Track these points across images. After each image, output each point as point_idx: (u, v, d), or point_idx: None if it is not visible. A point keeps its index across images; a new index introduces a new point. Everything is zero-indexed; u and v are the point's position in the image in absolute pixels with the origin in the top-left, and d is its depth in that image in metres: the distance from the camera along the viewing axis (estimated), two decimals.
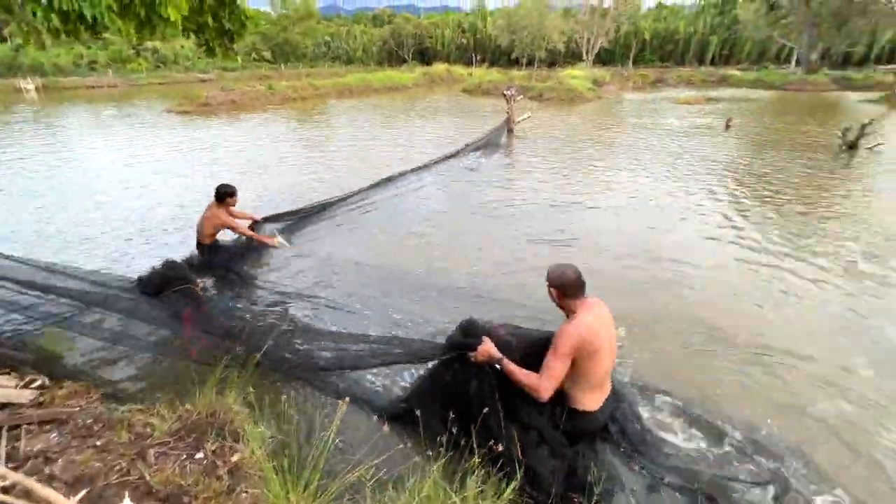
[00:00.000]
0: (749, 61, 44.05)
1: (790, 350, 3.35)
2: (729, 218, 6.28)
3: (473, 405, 2.07)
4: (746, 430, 2.54)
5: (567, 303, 2.10)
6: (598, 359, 2.04)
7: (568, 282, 2.07)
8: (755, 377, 3.07)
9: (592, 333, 2.01)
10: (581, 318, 2.05)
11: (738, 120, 14.79)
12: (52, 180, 8.17)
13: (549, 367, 2.00)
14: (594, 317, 2.08)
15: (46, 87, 24.25)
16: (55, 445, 1.92)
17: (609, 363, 2.13)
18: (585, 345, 1.99)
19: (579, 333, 1.99)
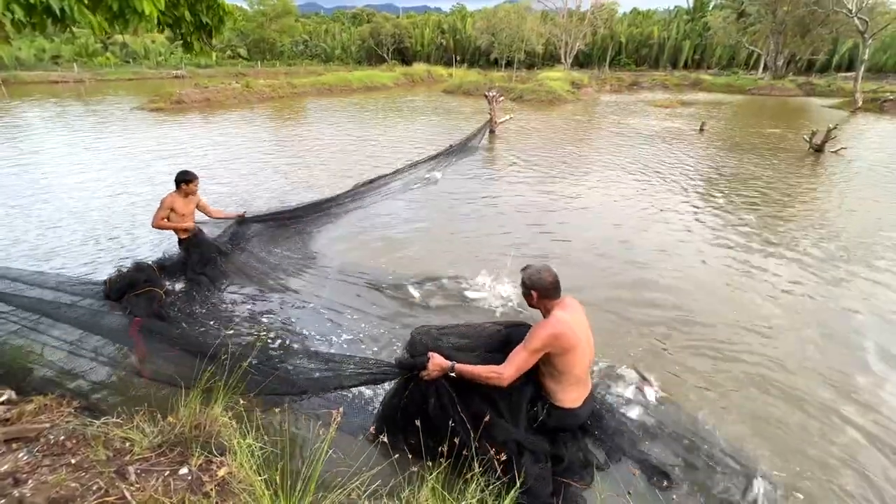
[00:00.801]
0: (720, 66, 45.55)
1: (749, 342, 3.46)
2: (700, 216, 6.47)
3: (438, 421, 2.07)
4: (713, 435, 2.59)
5: (545, 303, 2.15)
6: (575, 355, 2.08)
7: (546, 283, 2.12)
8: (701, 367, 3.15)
9: (568, 330, 2.05)
10: (557, 315, 2.10)
11: (711, 123, 15.26)
12: (17, 182, 7.75)
13: (516, 355, 2.04)
14: (570, 314, 2.13)
15: (7, 82, 23.04)
16: (24, 465, 1.79)
17: (587, 361, 2.17)
18: (561, 340, 2.03)
19: (554, 329, 2.03)
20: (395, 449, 1.97)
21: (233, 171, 8.64)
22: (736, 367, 3.26)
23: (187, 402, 2.05)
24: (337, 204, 6.64)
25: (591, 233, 5.88)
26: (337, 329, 3.57)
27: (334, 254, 5.09)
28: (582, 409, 2.22)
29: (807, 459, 2.48)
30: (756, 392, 3.01)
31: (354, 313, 3.81)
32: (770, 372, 3.21)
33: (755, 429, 2.68)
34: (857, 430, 2.70)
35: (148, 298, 3.54)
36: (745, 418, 2.76)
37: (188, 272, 4.23)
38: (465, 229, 5.96)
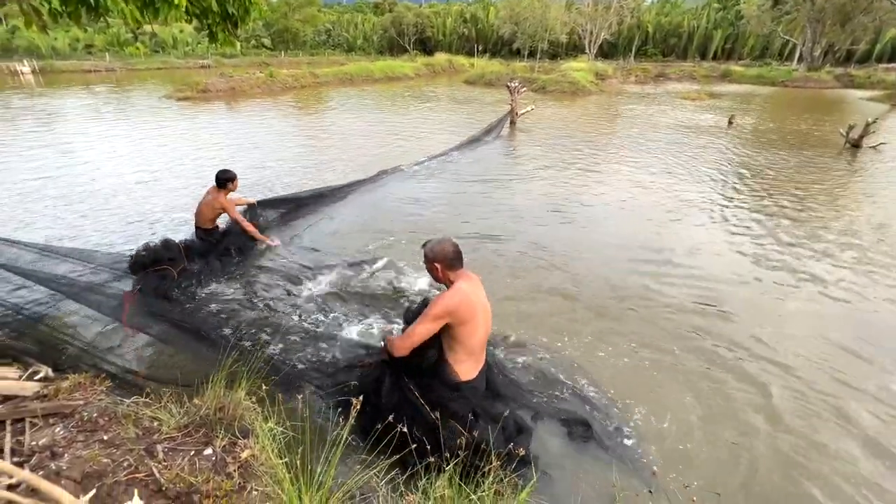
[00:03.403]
0: (751, 57, 43.82)
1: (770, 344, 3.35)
2: (725, 213, 6.27)
3: (396, 402, 2.15)
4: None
5: (448, 275, 2.18)
6: (472, 327, 2.12)
7: (448, 255, 2.14)
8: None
9: (468, 300, 2.09)
10: (457, 287, 2.12)
11: (741, 116, 14.74)
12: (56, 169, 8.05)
13: (412, 327, 2.09)
14: (470, 286, 2.16)
15: (43, 71, 23.86)
16: (61, 440, 1.88)
17: (483, 333, 2.21)
18: (460, 310, 2.06)
19: (453, 300, 2.06)
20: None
21: (253, 159, 8.77)
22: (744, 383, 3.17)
23: (212, 385, 2.11)
24: (349, 191, 6.72)
25: (611, 227, 5.77)
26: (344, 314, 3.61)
27: (344, 241, 5.14)
28: (476, 380, 2.27)
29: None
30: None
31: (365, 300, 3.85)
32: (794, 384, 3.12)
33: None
34: None
35: (160, 277, 3.65)
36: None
37: (210, 257, 4.35)
38: (476, 220, 5.92)
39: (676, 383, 3.06)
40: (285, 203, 5.78)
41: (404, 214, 6.11)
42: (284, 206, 5.74)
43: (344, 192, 6.68)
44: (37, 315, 2.64)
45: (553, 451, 2.46)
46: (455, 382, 2.19)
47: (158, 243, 3.95)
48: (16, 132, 10.70)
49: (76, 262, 3.41)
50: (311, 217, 5.87)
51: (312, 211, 6.03)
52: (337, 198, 6.53)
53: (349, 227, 5.67)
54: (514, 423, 2.32)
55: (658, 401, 2.89)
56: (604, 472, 2.33)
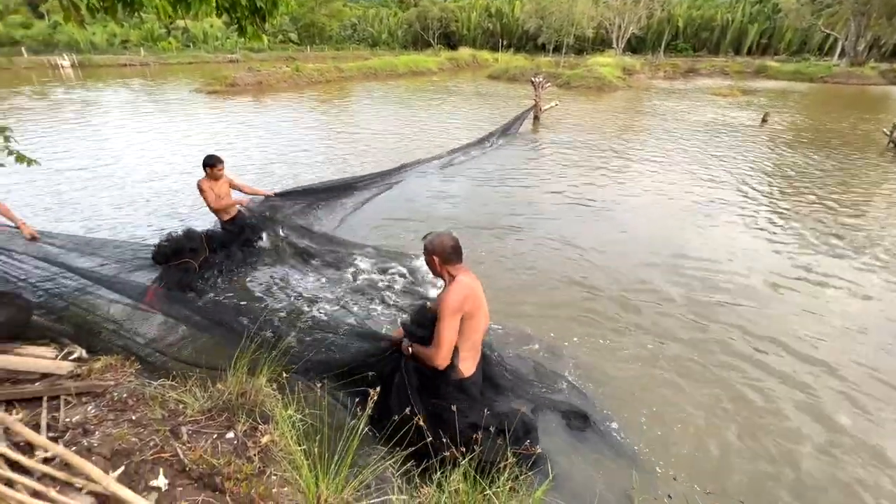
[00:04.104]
0: (788, 52, 42.00)
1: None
2: (757, 216, 6.04)
3: (399, 395, 2.17)
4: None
5: (447, 269, 2.16)
6: (477, 321, 2.14)
7: (447, 248, 2.12)
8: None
9: (473, 294, 2.09)
10: (461, 281, 2.11)
11: (776, 114, 14.16)
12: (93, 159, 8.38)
13: (437, 332, 2.06)
14: (471, 279, 2.15)
15: (82, 65, 24.83)
16: (92, 418, 1.96)
17: (483, 327, 2.23)
18: (468, 303, 2.06)
19: (462, 293, 2.05)
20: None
21: (278, 150, 8.93)
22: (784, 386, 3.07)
23: (234, 371, 2.16)
24: (370, 183, 6.74)
25: (634, 225, 5.65)
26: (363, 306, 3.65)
27: (365, 232, 5.19)
28: (475, 374, 2.28)
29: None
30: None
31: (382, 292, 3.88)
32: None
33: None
34: None
35: (184, 270, 3.74)
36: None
37: (230, 247, 4.43)
38: (496, 214, 5.88)
39: (695, 385, 2.99)
40: (306, 194, 5.84)
41: (424, 207, 6.13)
42: (305, 197, 5.80)
43: (365, 184, 6.72)
44: (72, 299, 2.75)
45: (564, 450, 2.45)
46: (458, 380, 2.19)
47: (181, 233, 4.04)
48: (56, 124, 11.18)
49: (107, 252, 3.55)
50: (331, 208, 5.94)
51: (333, 202, 6.09)
52: (358, 190, 6.57)
53: (370, 219, 5.73)
54: (521, 421, 2.29)
55: (675, 404, 2.83)
56: (620, 473, 2.30)
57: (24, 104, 13.87)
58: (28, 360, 2.16)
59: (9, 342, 2.40)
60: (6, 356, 2.16)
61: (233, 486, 1.65)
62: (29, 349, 2.32)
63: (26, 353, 2.29)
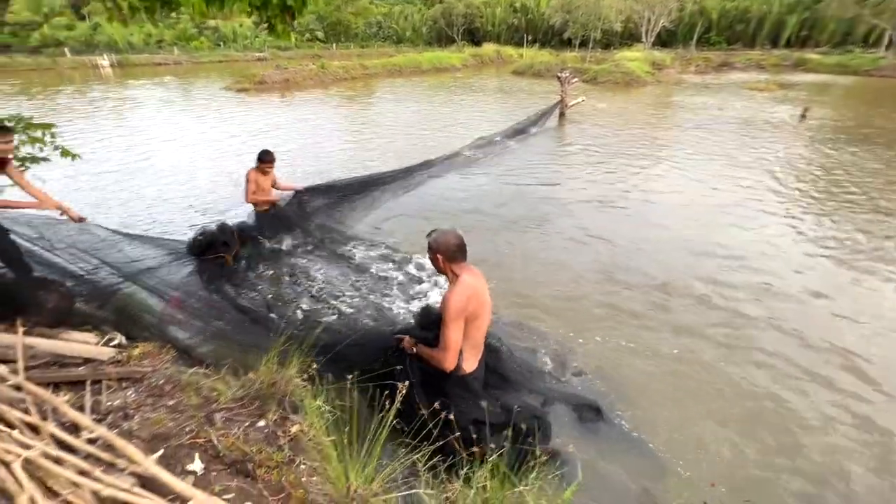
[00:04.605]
0: (830, 44, 39.94)
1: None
2: (793, 217, 5.78)
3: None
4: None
5: (450, 267, 2.15)
6: (480, 322, 2.14)
7: (451, 245, 2.12)
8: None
9: (476, 294, 2.09)
10: (464, 281, 2.10)
11: (817, 110, 13.51)
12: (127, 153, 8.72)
13: (443, 336, 2.07)
14: (475, 280, 2.14)
15: (120, 64, 25.84)
16: (132, 402, 2.04)
17: (486, 325, 2.24)
18: (471, 305, 2.06)
19: (465, 294, 2.05)
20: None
21: (306, 146, 9.07)
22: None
23: (265, 361, 2.20)
24: (395, 179, 6.77)
25: (664, 223, 5.50)
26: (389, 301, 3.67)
27: (386, 226, 5.22)
28: (477, 370, 2.28)
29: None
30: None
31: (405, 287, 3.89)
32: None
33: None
34: None
35: (218, 265, 3.88)
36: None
37: (262, 241, 4.55)
38: (522, 210, 5.83)
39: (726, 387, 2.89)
40: (334, 190, 5.93)
41: (447, 203, 6.14)
42: (333, 193, 5.89)
43: (390, 180, 6.76)
44: (113, 288, 2.87)
45: (582, 447, 2.42)
46: (461, 376, 2.21)
47: (214, 227, 4.19)
48: (94, 121, 11.67)
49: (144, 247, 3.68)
50: (356, 203, 6.00)
51: (358, 197, 6.16)
52: (383, 185, 6.62)
53: (393, 214, 5.78)
54: (532, 416, 2.33)
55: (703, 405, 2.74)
56: (649, 474, 2.24)
57: (67, 103, 14.53)
58: (73, 345, 2.26)
59: (54, 328, 2.53)
60: (54, 341, 2.27)
61: (264, 474, 1.69)
62: (73, 335, 2.43)
63: (70, 338, 2.40)
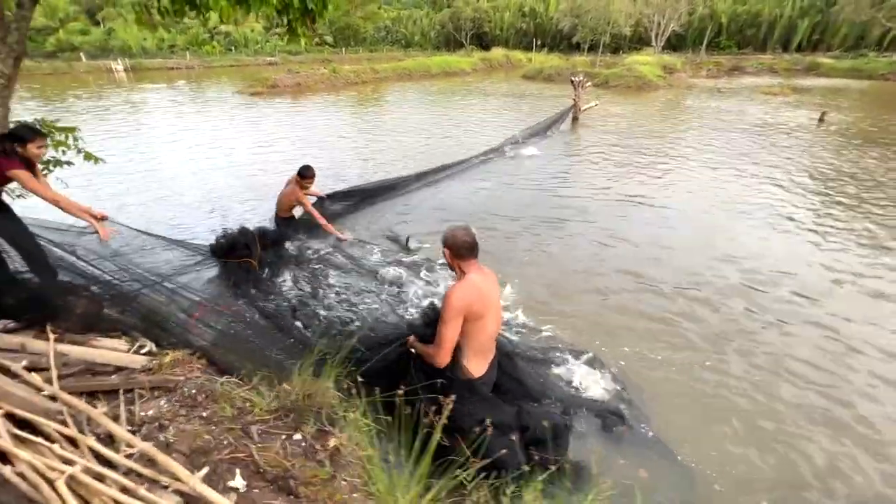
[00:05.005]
0: (843, 48, 39.51)
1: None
2: (814, 224, 5.61)
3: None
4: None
5: (458, 263, 2.12)
6: (483, 323, 2.08)
7: (459, 242, 2.08)
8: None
9: (480, 295, 2.04)
10: (469, 280, 2.06)
11: (834, 114, 13.32)
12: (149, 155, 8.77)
13: (438, 332, 2.04)
14: (482, 280, 2.10)
15: (134, 68, 26.18)
16: (166, 412, 1.99)
17: (494, 329, 2.18)
18: (474, 306, 2.01)
19: (466, 295, 2.01)
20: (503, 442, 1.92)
21: (320, 150, 9.06)
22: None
23: (299, 371, 2.15)
24: (411, 184, 6.75)
25: (679, 228, 5.39)
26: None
27: (401, 230, 5.21)
28: (485, 376, 2.22)
29: None
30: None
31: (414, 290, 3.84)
32: None
33: None
34: None
35: (244, 269, 3.85)
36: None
37: (284, 245, 4.54)
38: (537, 214, 5.77)
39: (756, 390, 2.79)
40: (353, 195, 5.93)
41: (463, 207, 6.09)
42: (352, 198, 5.89)
43: (407, 185, 6.75)
44: (139, 293, 2.83)
45: (619, 461, 2.38)
46: (467, 380, 2.16)
47: (235, 231, 4.17)
48: (110, 126, 11.77)
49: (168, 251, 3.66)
50: (376, 208, 5.98)
51: (378, 202, 6.14)
52: (400, 190, 6.61)
53: (408, 218, 5.72)
54: (550, 424, 2.27)
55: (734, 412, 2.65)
56: (678, 485, 2.17)
57: (83, 106, 14.70)
58: (106, 352, 2.22)
59: (83, 334, 2.49)
60: (85, 348, 2.23)
61: (307, 491, 1.63)
62: (103, 341, 2.39)
63: (101, 345, 2.36)
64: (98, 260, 2.95)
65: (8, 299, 2.57)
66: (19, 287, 2.69)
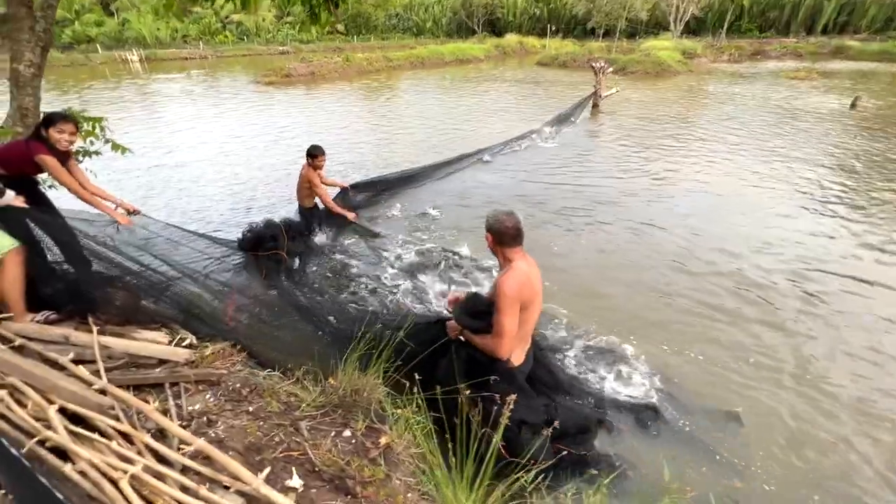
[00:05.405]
0: (871, 30, 37.95)
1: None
2: (865, 218, 5.38)
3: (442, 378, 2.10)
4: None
5: (501, 250, 2.06)
6: (530, 312, 2.04)
7: (503, 228, 2.01)
8: None
9: (530, 282, 2.00)
10: (518, 267, 2.00)
11: (867, 99, 12.80)
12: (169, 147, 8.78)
13: (497, 323, 1.97)
14: (529, 267, 2.04)
15: (148, 59, 26.25)
16: (213, 407, 1.95)
17: (536, 317, 2.13)
18: (524, 293, 1.96)
19: (519, 283, 1.95)
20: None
21: (340, 139, 8.99)
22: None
23: (345, 366, 2.09)
24: (430, 172, 6.66)
25: (721, 224, 5.21)
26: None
27: (421, 223, 5.15)
28: (524, 365, 2.18)
29: None
30: None
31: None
32: None
33: None
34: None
35: (275, 261, 3.83)
36: None
37: (310, 236, 4.49)
38: (562, 203, 5.64)
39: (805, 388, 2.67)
40: (375, 186, 5.86)
41: (483, 197, 5.99)
42: (374, 188, 5.83)
43: (427, 174, 6.65)
44: (175, 285, 2.80)
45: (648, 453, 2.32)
46: (508, 369, 2.12)
47: (261, 224, 4.14)
48: (128, 115, 11.82)
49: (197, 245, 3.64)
50: (396, 198, 5.91)
51: (401, 192, 6.07)
52: (420, 180, 6.52)
53: (428, 207, 5.63)
54: (581, 417, 2.28)
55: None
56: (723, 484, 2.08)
57: (100, 97, 14.79)
58: (149, 345, 2.19)
59: (123, 325, 2.47)
60: (128, 341, 2.20)
61: (364, 491, 1.57)
62: (144, 333, 2.37)
63: (142, 337, 2.33)
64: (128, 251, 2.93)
65: (48, 290, 2.56)
66: (58, 278, 2.67)
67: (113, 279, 2.68)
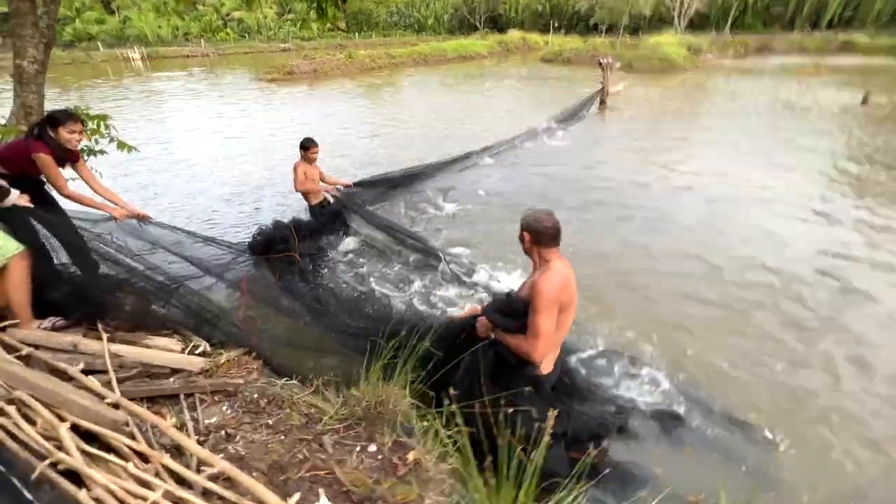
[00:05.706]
0: (877, 24, 37.59)
1: None
2: (867, 217, 5.24)
3: (466, 380, 2.04)
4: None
5: (538, 250, 1.98)
6: (566, 316, 1.96)
7: (541, 227, 1.93)
8: None
9: (568, 286, 1.92)
10: (556, 269, 1.91)
11: (878, 95, 12.61)
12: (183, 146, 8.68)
13: (533, 324, 1.87)
14: (566, 269, 1.96)
15: (150, 57, 26.13)
16: (230, 420, 1.85)
17: (570, 323, 2.04)
18: (563, 295, 1.88)
19: (558, 285, 1.86)
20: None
21: (341, 136, 8.88)
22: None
23: (368, 377, 1.99)
24: (438, 170, 6.53)
25: (742, 224, 5.09)
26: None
27: (433, 222, 5.02)
28: (552, 373, 2.11)
29: None
30: None
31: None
32: None
33: None
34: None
35: (288, 263, 3.73)
36: None
37: (320, 236, 4.39)
38: (573, 202, 5.54)
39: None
40: (380, 184, 5.75)
41: (494, 194, 5.87)
42: (379, 186, 5.71)
43: (435, 172, 6.54)
44: (183, 289, 2.70)
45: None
46: (535, 376, 2.03)
47: (270, 225, 4.04)
48: (131, 114, 11.72)
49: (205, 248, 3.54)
50: (405, 196, 5.80)
51: (407, 190, 5.96)
52: (428, 177, 6.40)
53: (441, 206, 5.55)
54: (595, 425, 2.20)
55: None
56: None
57: (102, 95, 14.69)
58: (162, 354, 2.09)
59: (132, 332, 2.37)
60: (141, 349, 2.10)
61: None
62: (156, 340, 2.27)
63: (154, 344, 2.23)
64: (138, 253, 2.84)
65: (55, 294, 2.46)
66: (65, 281, 2.58)
67: (122, 282, 2.58)
